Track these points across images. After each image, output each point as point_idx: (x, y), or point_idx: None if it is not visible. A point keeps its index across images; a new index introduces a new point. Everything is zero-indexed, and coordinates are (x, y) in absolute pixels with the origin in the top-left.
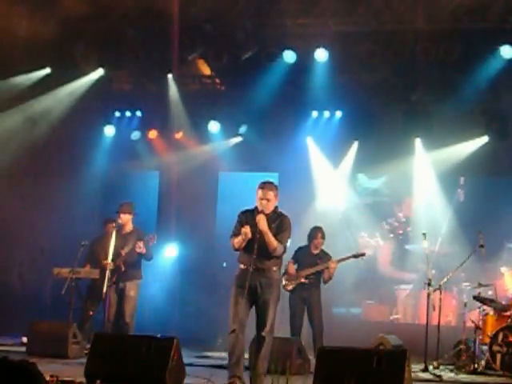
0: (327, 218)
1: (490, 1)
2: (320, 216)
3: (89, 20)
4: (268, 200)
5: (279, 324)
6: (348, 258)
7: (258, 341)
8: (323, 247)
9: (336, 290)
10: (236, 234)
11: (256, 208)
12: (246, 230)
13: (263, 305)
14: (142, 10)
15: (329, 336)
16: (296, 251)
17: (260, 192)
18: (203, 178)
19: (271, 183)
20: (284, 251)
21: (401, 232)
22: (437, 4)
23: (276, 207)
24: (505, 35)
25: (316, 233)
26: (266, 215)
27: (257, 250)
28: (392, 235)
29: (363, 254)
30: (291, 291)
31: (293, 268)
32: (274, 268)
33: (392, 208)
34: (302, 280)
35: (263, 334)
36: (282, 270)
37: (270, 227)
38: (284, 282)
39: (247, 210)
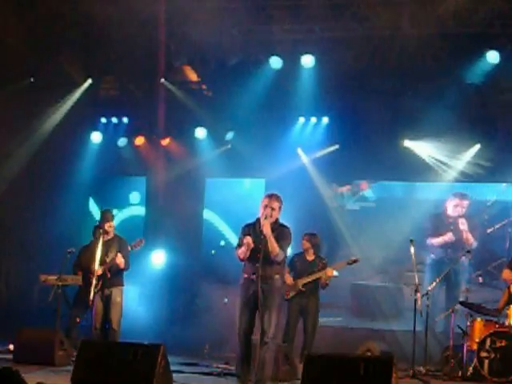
0: (314, 224)
1: (475, 6)
2: (307, 222)
3: (74, 27)
4: (273, 208)
5: None
6: (342, 265)
7: (263, 347)
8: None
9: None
10: (240, 245)
11: (258, 219)
12: (248, 240)
13: (266, 312)
14: (129, 17)
15: (316, 342)
16: (291, 259)
17: (266, 200)
18: (190, 184)
19: (278, 195)
20: (284, 258)
21: None
22: (423, 10)
23: (277, 219)
24: (491, 40)
25: (303, 236)
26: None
27: (260, 258)
28: None
29: (356, 260)
30: (289, 300)
31: (289, 277)
32: (276, 276)
33: (379, 214)
34: (301, 288)
35: (266, 339)
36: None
37: None
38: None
39: (250, 223)
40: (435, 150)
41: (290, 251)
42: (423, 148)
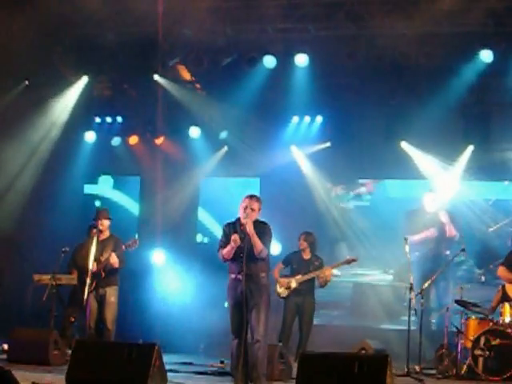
0: (309, 223)
1: (469, 5)
2: (302, 221)
3: (67, 26)
4: (252, 209)
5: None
6: (340, 264)
7: (254, 344)
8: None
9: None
10: (222, 246)
11: (238, 219)
12: (236, 237)
13: (255, 309)
14: (123, 16)
15: (311, 341)
16: (287, 257)
17: (247, 200)
18: (184, 184)
19: (258, 197)
20: (268, 255)
21: None
22: (416, 8)
23: (257, 219)
24: (484, 39)
25: (299, 236)
26: None
27: (245, 256)
28: None
29: (354, 260)
30: (285, 298)
31: (282, 274)
32: (263, 274)
33: (375, 212)
34: (295, 286)
35: (258, 337)
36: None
37: None
38: (278, 291)
39: (230, 223)
40: (430, 148)
41: (280, 248)
42: (418, 146)
